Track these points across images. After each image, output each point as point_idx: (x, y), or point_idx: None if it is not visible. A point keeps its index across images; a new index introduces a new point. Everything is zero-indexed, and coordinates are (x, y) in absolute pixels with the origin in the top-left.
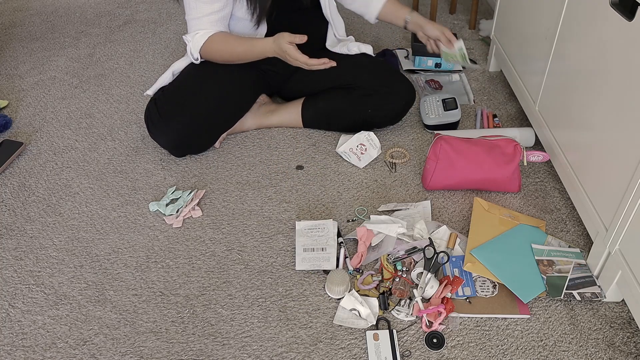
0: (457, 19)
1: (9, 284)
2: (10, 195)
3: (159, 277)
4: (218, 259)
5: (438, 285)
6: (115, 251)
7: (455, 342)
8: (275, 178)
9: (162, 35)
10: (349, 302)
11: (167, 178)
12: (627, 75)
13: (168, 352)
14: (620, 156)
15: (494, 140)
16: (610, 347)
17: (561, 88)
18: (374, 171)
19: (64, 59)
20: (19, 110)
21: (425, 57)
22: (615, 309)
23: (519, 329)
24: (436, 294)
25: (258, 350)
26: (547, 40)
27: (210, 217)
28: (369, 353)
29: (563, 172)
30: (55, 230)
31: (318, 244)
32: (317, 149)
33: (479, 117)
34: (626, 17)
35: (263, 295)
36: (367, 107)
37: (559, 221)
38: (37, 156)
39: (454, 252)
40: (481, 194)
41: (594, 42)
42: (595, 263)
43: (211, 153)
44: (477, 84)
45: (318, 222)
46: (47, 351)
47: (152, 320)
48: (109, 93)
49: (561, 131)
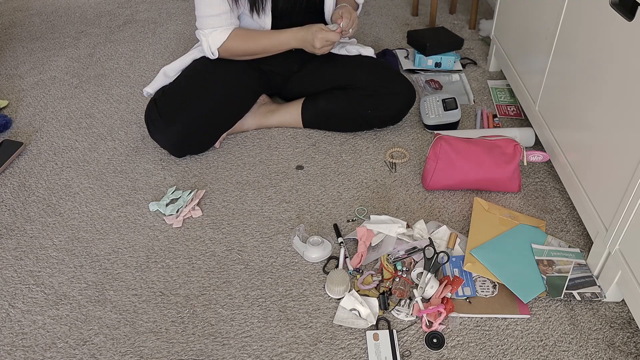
0: (457, 19)
1: (9, 284)
2: (10, 195)
3: (159, 277)
4: (218, 259)
5: (438, 285)
6: (115, 251)
7: (455, 342)
8: (275, 178)
9: (162, 35)
10: (349, 302)
11: (167, 178)
12: (627, 75)
13: (168, 352)
14: (620, 156)
15: (494, 140)
16: (610, 347)
17: (561, 88)
18: (374, 171)
19: (64, 59)
20: (19, 110)
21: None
22: (615, 309)
23: (519, 329)
24: (436, 294)
25: (258, 350)
26: (547, 40)
27: (210, 217)
28: (369, 353)
29: (563, 172)
30: (55, 230)
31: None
32: (317, 149)
33: (479, 117)
34: (626, 17)
35: (263, 295)
36: (367, 108)
37: (559, 221)
38: (37, 156)
39: (454, 252)
40: (481, 194)
41: (594, 42)
42: (595, 263)
43: (211, 153)
44: (477, 84)
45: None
46: (47, 351)
47: (152, 320)
48: (109, 93)
49: (561, 131)
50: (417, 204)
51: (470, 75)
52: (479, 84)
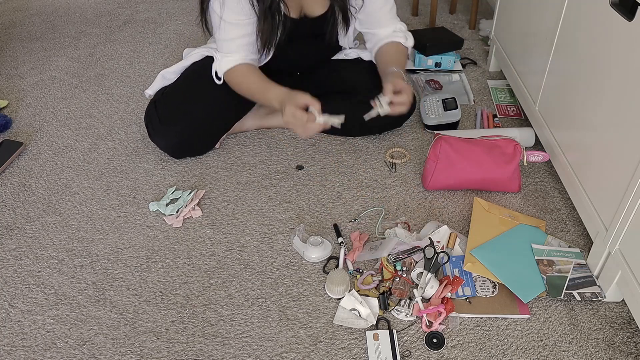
0: (457, 19)
1: (9, 284)
2: (10, 195)
3: (159, 277)
4: (218, 259)
5: (438, 285)
6: (115, 251)
7: (455, 342)
8: (275, 178)
9: (162, 35)
10: (349, 302)
11: (167, 178)
12: (627, 75)
13: (168, 352)
14: (620, 156)
15: (494, 140)
16: (610, 347)
17: (561, 88)
18: (374, 171)
19: (64, 59)
20: (19, 110)
21: (424, 55)
22: (615, 309)
23: (519, 329)
24: (436, 294)
25: (258, 350)
26: (547, 40)
27: (210, 217)
28: (369, 353)
29: (563, 172)
30: (55, 230)
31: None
32: (317, 149)
33: (479, 117)
34: (626, 17)
35: (263, 295)
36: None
37: (559, 221)
38: (37, 156)
39: (453, 252)
40: (481, 194)
41: (594, 42)
42: (595, 263)
43: (211, 153)
44: (477, 84)
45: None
46: (47, 351)
47: (152, 320)
48: (109, 93)
49: (561, 131)
50: (417, 204)
51: (470, 75)
52: (479, 84)
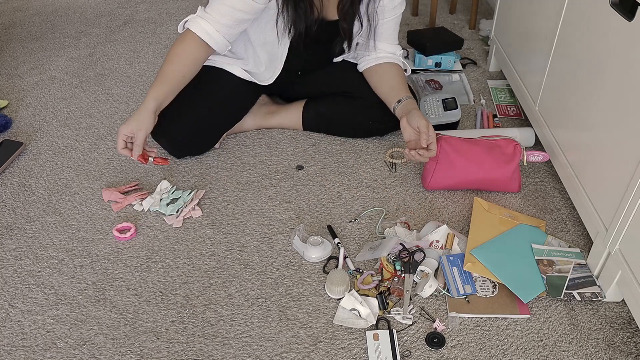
0: (457, 19)
1: (9, 284)
2: (10, 195)
3: (159, 277)
4: (218, 259)
5: (437, 284)
6: (115, 251)
7: (455, 342)
8: (275, 178)
9: (162, 35)
10: (349, 302)
11: (167, 178)
12: (627, 75)
13: (168, 352)
14: (620, 156)
15: (494, 140)
16: (610, 347)
17: (561, 88)
18: (374, 171)
19: (64, 59)
20: (19, 110)
21: (424, 55)
22: (615, 309)
23: (519, 329)
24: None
25: (258, 350)
26: (547, 40)
27: (210, 217)
28: (369, 353)
29: (563, 172)
30: (55, 230)
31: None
32: (317, 149)
33: (479, 117)
34: (626, 17)
35: (263, 295)
36: (369, 119)
37: (559, 221)
38: (37, 156)
39: (452, 251)
40: (481, 194)
41: (594, 42)
42: (595, 263)
43: (211, 153)
44: (477, 84)
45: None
46: (47, 351)
47: (152, 320)
48: (109, 93)
49: (561, 131)
50: (417, 204)
51: (470, 75)
52: (479, 84)
